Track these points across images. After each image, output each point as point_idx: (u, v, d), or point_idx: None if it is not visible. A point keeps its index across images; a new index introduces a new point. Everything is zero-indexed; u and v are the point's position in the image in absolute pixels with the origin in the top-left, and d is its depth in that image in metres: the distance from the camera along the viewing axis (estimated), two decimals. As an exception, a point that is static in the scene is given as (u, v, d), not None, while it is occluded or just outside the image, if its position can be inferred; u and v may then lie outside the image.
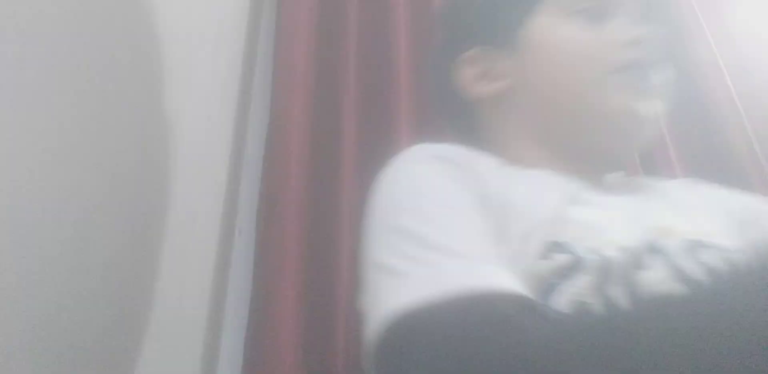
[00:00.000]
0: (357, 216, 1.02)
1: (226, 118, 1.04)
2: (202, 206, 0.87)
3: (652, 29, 0.63)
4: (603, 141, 0.63)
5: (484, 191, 0.53)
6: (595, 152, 0.64)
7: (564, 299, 0.48)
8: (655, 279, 0.50)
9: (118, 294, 0.61)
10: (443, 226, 0.50)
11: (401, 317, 0.43)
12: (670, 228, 0.56)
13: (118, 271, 0.60)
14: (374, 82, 1.12)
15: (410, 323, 0.43)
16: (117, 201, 0.60)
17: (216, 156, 0.96)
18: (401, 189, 0.55)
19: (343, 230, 1.00)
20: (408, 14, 1.21)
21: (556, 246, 0.51)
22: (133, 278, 0.64)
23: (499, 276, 0.45)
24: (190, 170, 0.83)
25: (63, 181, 0.50)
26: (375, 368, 0.46)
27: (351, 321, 0.90)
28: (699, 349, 0.35)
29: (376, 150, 1.07)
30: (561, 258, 0.50)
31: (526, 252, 0.50)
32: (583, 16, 0.64)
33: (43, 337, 0.47)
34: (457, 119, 0.74)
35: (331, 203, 1.02)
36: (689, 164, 1.19)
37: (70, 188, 0.51)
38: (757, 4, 1.42)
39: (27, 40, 0.45)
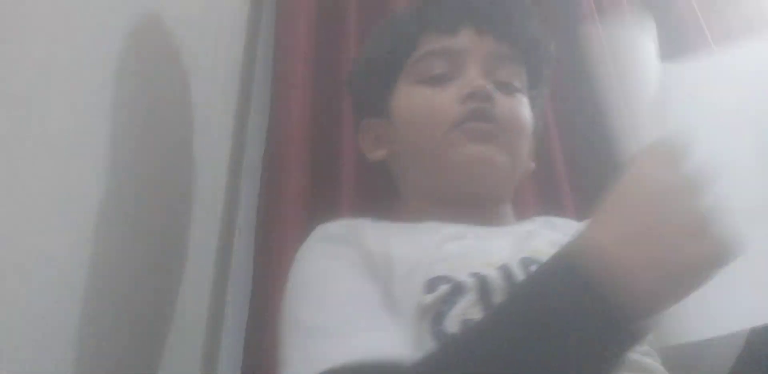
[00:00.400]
0: (357, 216, 1.02)
1: (226, 118, 1.04)
2: (202, 206, 0.87)
3: (497, 77, 0.71)
4: (465, 186, 0.70)
5: (368, 254, 0.61)
6: (465, 196, 0.70)
7: (453, 321, 0.54)
8: None
9: (117, 294, 0.61)
10: (323, 309, 0.56)
11: None
12: (540, 249, 0.61)
13: (118, 271, 0.60)
14: (374, 82, 1.12)
15: None
16: (116, 201, 0.60)
17: (216, 156, 0.97)
18: (294, 279, 0.62)
19: (343, 230, 1.00)
20: (408, 14, 1.21)
21: (438, 280, 0.57)
22: (134, 278, 0.64)
23: (369, 345, 0.51)
24: (190, 170, 0.83)
25: (62, 181, 0.50)
26: None
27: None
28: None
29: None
30: (443, 288, 0.56)
31: (412, 291, 0.56)
32: (433, 80, 0.71)
33: (43, 337, 0.47)
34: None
35: (331, 203, 1.02)
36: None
37: (70, 188, 0.51)
38: (757, 4, 1.42)
39: (27, 39, 0.45)
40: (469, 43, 0.72)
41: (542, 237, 0.66)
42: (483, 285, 0.56)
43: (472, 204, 0.70)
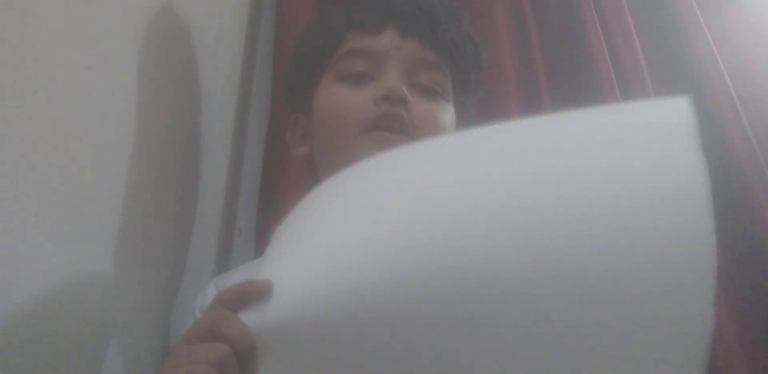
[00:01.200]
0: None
1: (226, 118, 1.04)
2: (202, 206, 0.87)
3: (410, 86, 0.69)
4: None
5: None
6: None
7: None
8: None
9: (117, 294, 0.61)
10: None
11: None
12: None
13: (116, 271, 0.60)
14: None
15: None
16: (116, 201, 0.60)
17: (216, 156, 0.97)
18: None
19: (343, 230, 0.99)
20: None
21: None
22: (133, 278, 0.64)
23: None
24: (190, 170, 0.83)
25: (63, 181, 0.50)
26: None
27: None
28: None
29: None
30: None
31: None
32: (353, 79, 0.71)
33: (44, 336, 0.47)
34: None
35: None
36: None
37: (70, 188, 0.51)
38: (757, 4, 1.42)
39: (26, 39, 0.45)
40: (391, 45, 0.72)
41: None
42: None
43: None
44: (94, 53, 0.55)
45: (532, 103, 1.17)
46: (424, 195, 0.44)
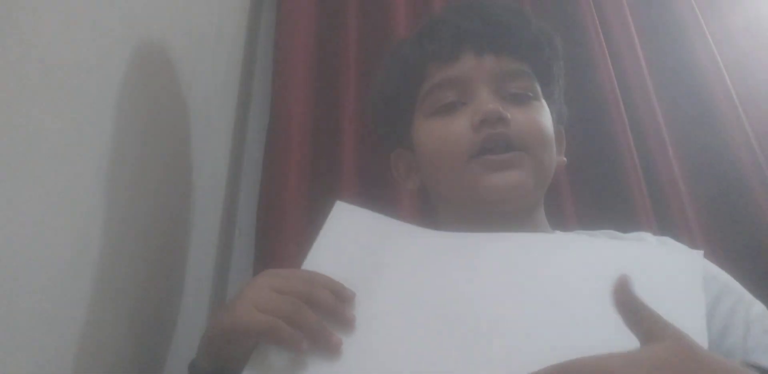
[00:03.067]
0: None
1: (226, 118, 1.04)
2: (202, 206, 0.87)
3: (501, 98, 0.71)
4: (494, 210, 0.70)
5: None
6: (497, 216, 0.71)
7: None
8: None
9: (117, 294, 0.61)
10: None
11: None
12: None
13: (117, 272, 0.60)
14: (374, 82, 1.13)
15: None
16: (116, 201, 0.60)
17: (216, 156, 0.97)
18: None
19: (343, 230, 0.99)
20: (408, 14, 1.21)
21: None
22: (133, 279, 0.64)
23: None
24: (191, 170, 0.83)
25: (63, 182, 0.50)
26: None
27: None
28: None
29: (376, 150, 1.07)
30: None
31: None
32: (444, 111, 0.72)
33: (43, 338, 0.47)
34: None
35: (330, 203, 1.02)
36: (688, 164, 1.19)
37: (69, 189, 0.51)
38: (757, 4, 1.42)
39: (26, 40, 0.45)
40: (470, 68, 0.72)
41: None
42: None
43: (504, 218, 0.71)
44: (93, 53, 0.55)
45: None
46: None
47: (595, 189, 1.12)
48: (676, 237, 1.07)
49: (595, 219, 1.09)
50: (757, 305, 0.62)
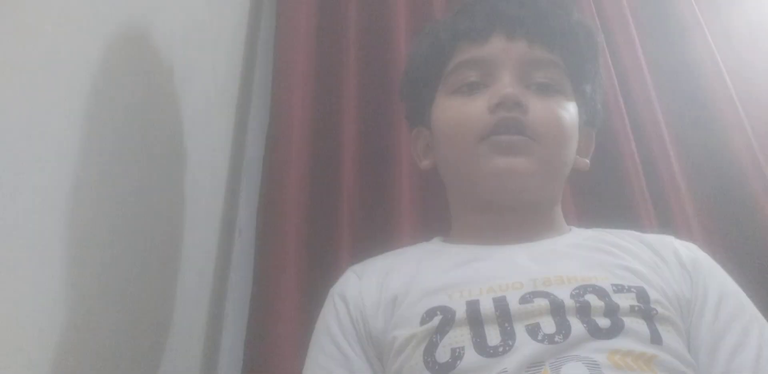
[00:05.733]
0: (357, 216, 1.02)
1: (226, 118, 1.04)
2: (202, 206, 0.87)
3: (525, 86, 0.70)
4: (496, 196, 0.70)
5: (362, 314, 0.66)
6: (499, 204, 0.71)
7: (444, 350, 0.57)
8: (533, 313, 0.58)
9: (117, 294, 0.61)
10: (312, 365, 0.66)
11: None
12: (560, 274, 0.62)
13: (117, 272, 0.60)
14: (374, 82, 1.12)
15: None
16: (116, 201, 0.60)
17: (216, 156, 0.97)
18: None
19: (343, 230, 1.00)
20: (408, 14, 1.21)
21: (434, 310, 0.61)
22: (134, 278, 0.64)
23: None
24: (191, 170, 0.83)
25: (63, 182, 0.50)
26: None
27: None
28: None
29: (376, 149, 1.07)
30: (437, 320, 0.59)
31: (411, 322, 0.61)
32: (465, 90, 0.72)
33: (43, 337, 0.47)
34: None
35: (331, 203, 1.02)
36: (688, 164, 1.19)
37: (70, 189, 0.51)
38: (757, 4, 1.42)
39: (26, 40, 0.45)
40: (499, 51, 0.71)
41: (572, 258, 0.66)
42: (474, 315, 0.58)
43: (510, 211, 0.71)
44: (93, 53, 0.55)
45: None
46: None
47: (595, 190, 1.12)
48: (676, 237, 1.08)
49: (596, 218, 1.10)
50: None
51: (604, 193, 1.11)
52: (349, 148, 1.07)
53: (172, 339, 0.75)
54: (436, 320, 0.59)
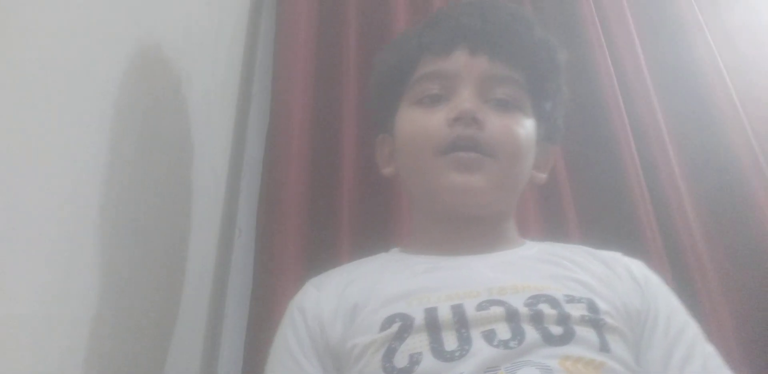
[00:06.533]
0: (357, 216, 1.02)
1: (226, 118, 1.04)
2: (202, 206, 0.87)
3: (484, 101, 0.71)
4: (452, 210, 0.72)
5: (321, 326, 0.66)
6: (455, 217, 0.72)
7: (402, 356, 0.58)
8: (488, 320, 0.59)
9: (117, 294, 0.61)
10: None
11: None
12: (515, 285, 0.64)
13: (117, 272, 0.60)
14: (374, 82, 1.13)
15: None
16: (117, 202, 0.60)
17: (216, 156, 0.97)
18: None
19: (343, 230, 1.00)
20: (408, 14, 1.21)
21: (393, 317, 0.61)
22: (133, 278, 0.64)
23: None
24: (191, 170, 0.83)
25: (63, 182, 0.50)
26: None
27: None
28: None
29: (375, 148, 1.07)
30: (396, 326, 0.60)
31: (371, 329, 0.61)
32: (426, 102, 0.73)
33: (43, 338, 0.47)
34: None
35: (331, 203, 1.02)
36: (689, 164, 1.19)
37: (70, 189, 0.51)
38: (757, 4, 1.42)
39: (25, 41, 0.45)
40: (460, 65, 0.73)
41: (526, 269, 0.68)
42: (432, 321, 0.60)
43: (466, 223, 0.72)
44: (93, 53, 0.55)
45: (532, 103, 1.17)
46: None
47: (595, 190, 1.12)
48: (677, 237, 1.08)
49: (596, 219, 1.10)
50: (708, 345, 0.65)
51: (604, 194, 1.11)
52: (349, 148, 1.07)
53: (173, 339, 0.75)
54: (395, 327, 0.60)
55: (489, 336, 0.58)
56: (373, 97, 0.85)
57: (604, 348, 0.58)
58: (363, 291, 0.67)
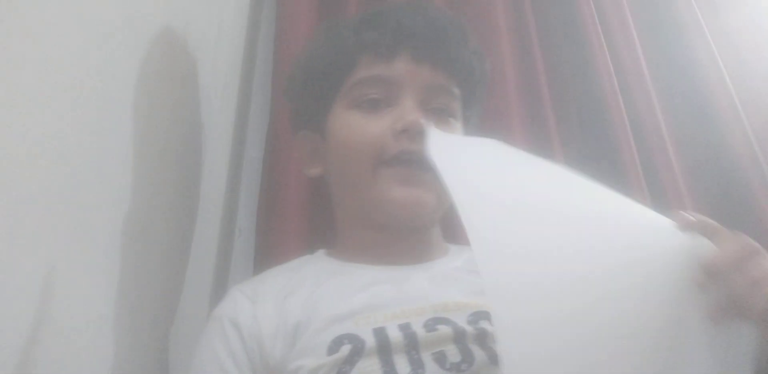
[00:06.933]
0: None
1: (227, 118, 1.04)
2: (202, 206, 0.87)
3: (424, 110, 0.70)
4: (390, 221, 0.70)
5: (254, 336, 0.63)
6: (390, 227, 0.71)
7: None
8: (437, 341, 0.58)
9: (116, 294, 0.61)
10: None
11: None
12: (455, 300, 0.63)
13: (117, 271, 0.60)
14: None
15: None
16: (115, 201, 0.60)
17: (216, 156, 0.97)
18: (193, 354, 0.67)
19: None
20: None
21: (341, 338, 0.59)
22: (134, 279, 0.64)
23: None
24: (190, 170, 0.83)
25: (62, 181, 0.50)
26: None
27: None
28: None
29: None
30: (346, 349, 0.58)
31: (317, 352, 0.59)
32: (366, 106, 0.71)
33: (45, 337, 0.47)
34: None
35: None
36: (689, 164, 1.19)
37: (69, 188, 0.51)
38: (757, 4, 1.42)
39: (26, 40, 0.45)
40: (405, 72, 0.71)
41: (461, 282, 0.67)
42: (383, 344, 0.58)
43: (401, 234, 0.71)
44: (94, 54, 0.55)
45: (532, 103, 1.17)
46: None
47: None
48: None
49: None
50: None
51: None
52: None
53: (172, 340, 0.75)
54: (345, 350, 0.58)
55: (440, 359, 0.57)
56: (299, 92, 0.80)
57: None
58: (304, 308, 0.64)
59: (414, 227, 0.72)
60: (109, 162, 0.58)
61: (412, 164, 0.67)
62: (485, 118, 1.14)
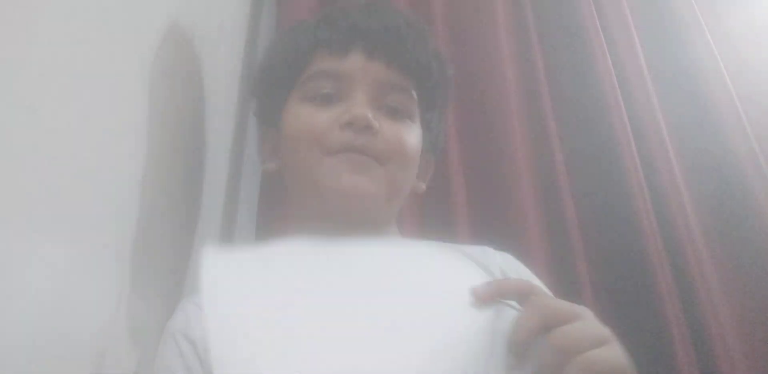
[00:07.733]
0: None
1: (227, 118, 1.04)
2: (203, 206, 0.87)
3: (376, 107, 0.70)
4: (337, 211, 0.70)
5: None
6: (339, 219, 0.70)
7: None
8: None
9: (117, 295, 0.61)
10: None
11: None
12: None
13: (117, 271, 0.60)
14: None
15: None
16: (116, 201, 0.60)
17: (216, 156, 0.97)
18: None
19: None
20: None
21: None
22: (133, 279, 0.64)
23: None
24: (191, 170, 0.83)
25: (63, 182, 0.50)
26: None
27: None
28: None
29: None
30: None
31: None
32: (317, 100, 0.72)
33: (44, 337, 0.47)
34: None
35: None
36: (689, 164, 1.19)
37: (70, 188, 0.51)
38: (757, 4, 1.43)
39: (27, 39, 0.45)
40: (357, 68, 0.72)
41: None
42: None
43: (350, 228, 0.70)
44: (95, 54, 0.55)
45: (532, 103, 1.17)
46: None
47: (595, 190, 1.12)
48: (677, 237, 1.08)
49: (596, 219, 1.10)
50: None
51: (604, 194, 1.11)
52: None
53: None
54: None
55: None
56: (260, 88, 0.82)
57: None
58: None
59: (363, 219, 0.71)
60: (108, 162, 0.58)
61: (359, 151, 0.67)
62: (485, 117, 1.14)
